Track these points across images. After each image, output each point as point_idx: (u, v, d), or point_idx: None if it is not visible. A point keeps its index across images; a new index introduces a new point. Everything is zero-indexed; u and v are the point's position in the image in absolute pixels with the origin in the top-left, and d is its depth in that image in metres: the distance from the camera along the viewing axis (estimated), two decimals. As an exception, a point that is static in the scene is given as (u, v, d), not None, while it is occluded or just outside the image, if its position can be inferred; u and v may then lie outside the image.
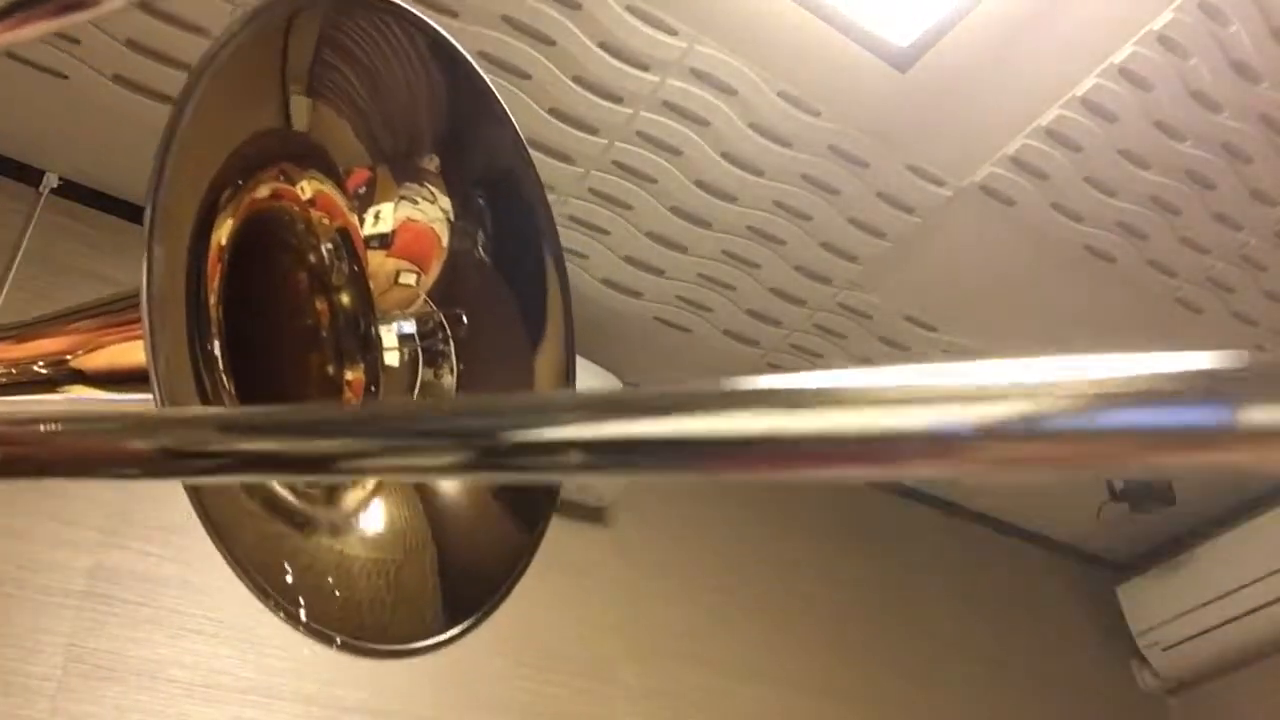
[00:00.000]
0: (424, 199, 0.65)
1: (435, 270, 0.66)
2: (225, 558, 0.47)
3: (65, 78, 1.57)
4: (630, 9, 1.54)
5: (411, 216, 0.65)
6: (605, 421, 0.27)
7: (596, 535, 2.03)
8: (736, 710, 2.00)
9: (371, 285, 0.65)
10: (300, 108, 0.58)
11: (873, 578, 2.42)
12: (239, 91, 0.54)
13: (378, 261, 0.65)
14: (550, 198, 2.01)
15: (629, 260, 1.95)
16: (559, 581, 1.92)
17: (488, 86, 0.62)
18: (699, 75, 1.64)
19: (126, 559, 1.48)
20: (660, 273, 1.99)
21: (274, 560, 0.51)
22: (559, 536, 1.98)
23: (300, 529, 0.56)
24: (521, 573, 0.59)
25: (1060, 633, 2.74)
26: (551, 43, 1.57)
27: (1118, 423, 0.19)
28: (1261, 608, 2.52)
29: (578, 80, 1.63)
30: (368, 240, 0.65)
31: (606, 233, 1.90)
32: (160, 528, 1.52)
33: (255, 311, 0.62)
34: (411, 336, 0.66)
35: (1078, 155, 1.80)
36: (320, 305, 0.65)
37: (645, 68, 1.62)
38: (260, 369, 0.60)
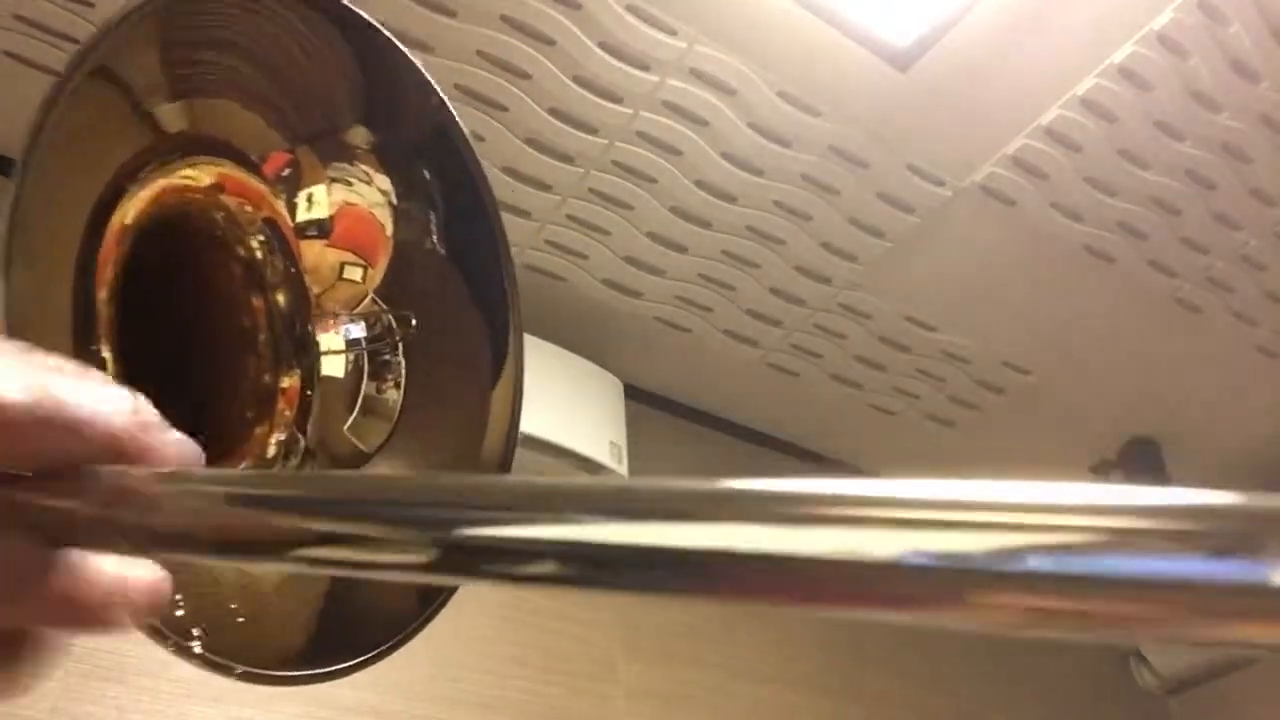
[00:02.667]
0: (358, 179, 0.58)
1: (383, 263, 0.60)
2: None
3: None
4: (630, 9, 1.54)
5: (348, 200, 0.59)
6: (597, 523, 0.22)
7: (596, 535, 2.03)
8: (737, 710, 2.00)
9: (309, 280, 0.59)
10: (171, 114, 0.53)
11: (873, 578, 2.41)
12: (86, 143, 0.49)
13: (316, 253, 0.59)
14: (550, 198, 2.01)
15: (629, 260, 1.95)
16: (559, 581, 1.91)
17: (398, 47, 0.56)
18: (699, 75, 1.64)
19: (126, 559, 1.48)
20: (660, 273, 1.99)
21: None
22: (559, 536, 1.98)
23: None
24: (447, 598, 0.55)
25: (1060, 633, 2.74)
26: (551, 43, 1.57)
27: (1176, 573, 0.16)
28: (1261, 608, 2.52)
29: (578, 80, 1.63)
30: (302, 228, 0.59)
31: (606, 233, 1.90)
32: (160, 528, 1.52)
33: (180, 315, 0.58)
34: (359, 341, 0.60)
35: (1078, 155, 1.80)
36: (256, 303, 0.59)
37: (645, 68, 1.62)
38: (181, 375, 0.55)
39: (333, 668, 0.50)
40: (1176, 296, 2.11)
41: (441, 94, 0.57)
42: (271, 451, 0.58)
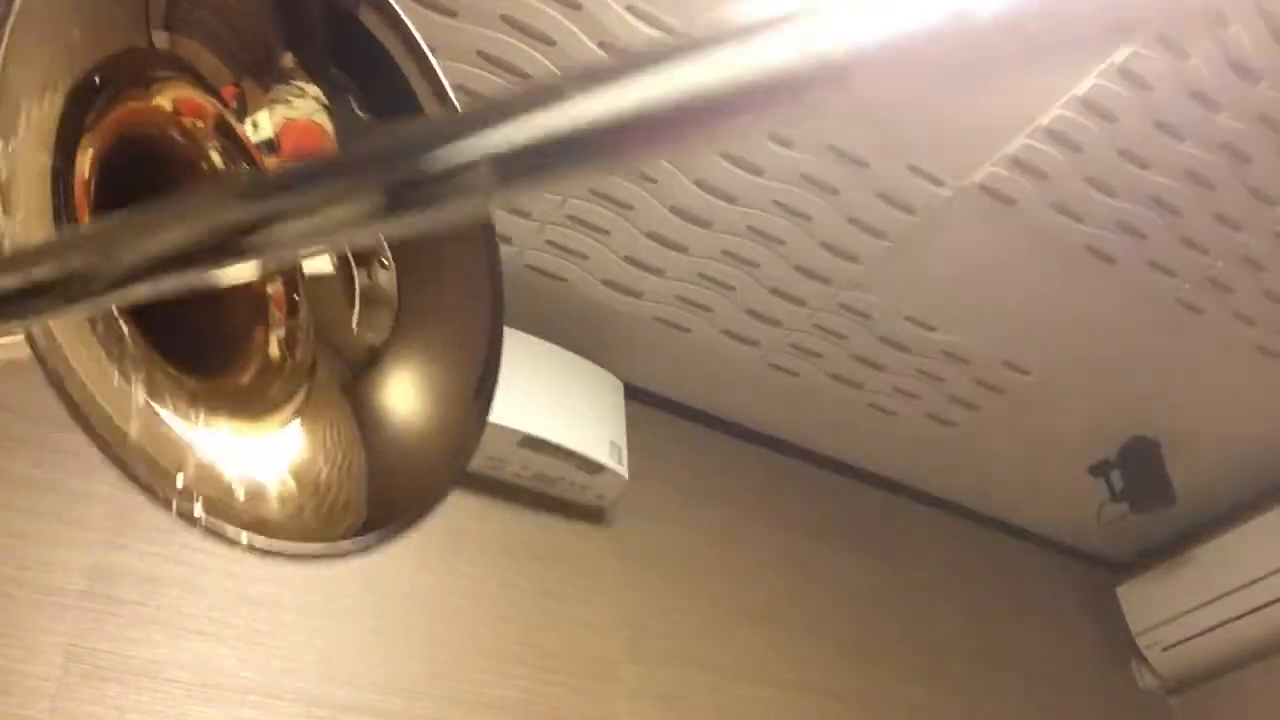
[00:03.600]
0: (294, 96, 0.65)
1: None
2: (99, 447, 0.45)
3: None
4: (630, 9, 1.54)
5: (288, 115, 0.65)
6: (509, 124, 0.25)
7: (596, 535, 2.03)
8: (737, 710, 2.00)
9: None
10: (160, 40, 0.60)
11: (872, 577, 2.42)
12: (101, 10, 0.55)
13: (270, 165, 0.65)
14: (550, 198, 2.01)
15: (629, 260, 1.95)
16: (559, 581, 1.92)
17: None
18: (699, 75, 1.63)
19: (126, 559, 1.48)
20: (660, 273, 1.99)
21: (164, 456, 0.50)
22: (559, 536, 1.98)
23: (194, 418, 0.55)
24: (455, 481, 0.59)
25: (1060, 633, 2.74)
26: (551, 43, 1.57)
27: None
28: (1261, 608, 2.52)
29: (578, 80, 1.63)
30: (254, 147, 0.65)
31: (606, 233, 1.90)
32: (160, 528, 1.52)
33: None
34: None
35: (1078, 155, 1.80)
36: None
37: (645, 68, 1.62)
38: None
39: (343, 542, 0.52)
40: (1176, 296, 2.11)
41: None
42: (275, 351, 0.62)
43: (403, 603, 1.71)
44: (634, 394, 2.19)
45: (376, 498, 0.58)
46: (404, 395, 0.63)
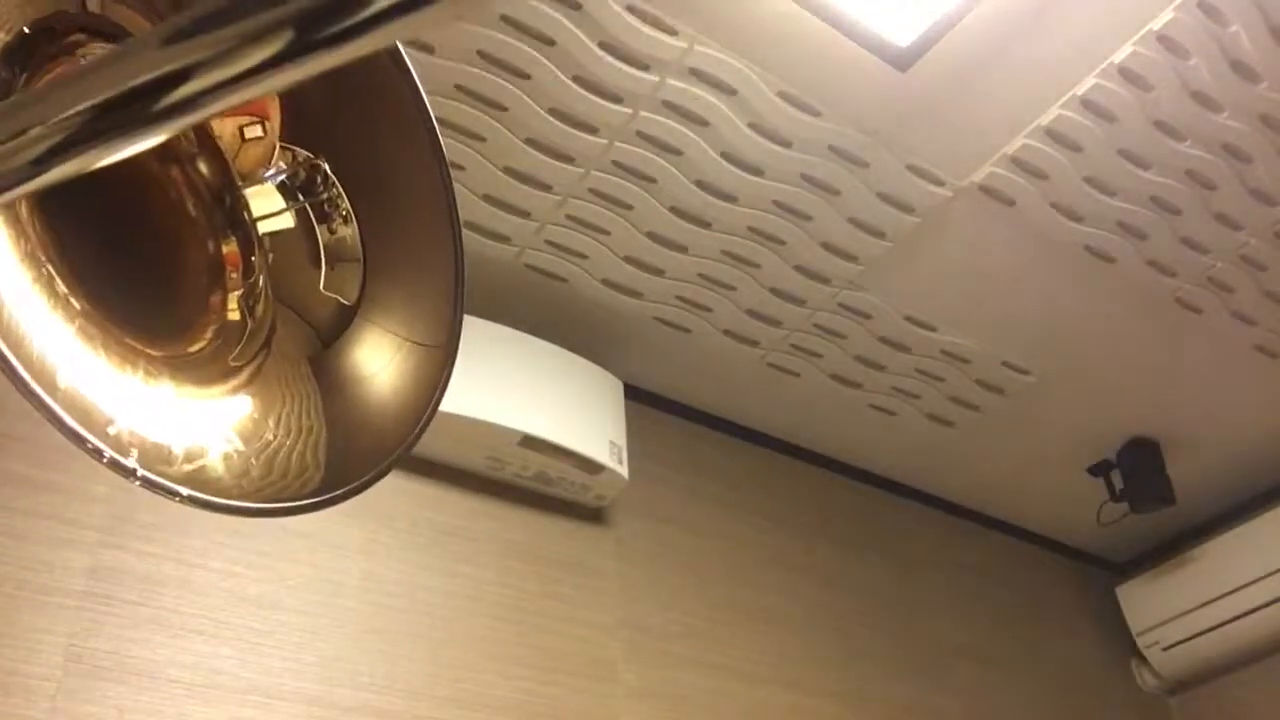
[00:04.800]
0: None
1: (275, 113, 0.63)
2: (33, 402, 0.45)
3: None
4: (630, 9, 1.54)
5: None
6: None
7: (596, 535, 2.03)
8: (737, 711, 2.00)
9: (223, 147, 0.62)
10: (93, 4, 0.58)
11: (873, 578, 2.42)
12: None
13: (217, 125, 0.63)
14: (550, 198, 2.02)
15: (629, 260, 1.95)
16: (559, 581, 1.92)
17: None
18: (699, 75, 1.64)
19: (126, 559, 1.48)
20: (660, 273, 1.99)
21: (97, 408, 0.50)
22: (559, 536, 1.98)
23: (148, 376, 0.54)
24: (415, 440, 0.58)
25: (1060, 633, 2.74)
26: (551, 43, 1.57)
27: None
28: (1261, 608, 2.52)
29: (578, 80, 1.63)
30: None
31: (606, 233, 1.90)
32: (160, 528, 1.52)
33: (111, 208, 0.60)
34: (295, 193, 0.62)
35: (1078, 155, 1.80)
36: (177, 175, 0.62)
37: (645, 68, 1.62)
38: (133, 262, 0.58)
39: (286, 503, 0.52)
40: (1176, 296, 2.11)
41: None
42: (234, 315, 0.61)
43: (403, 603, 1.71)
44: (634, 394, 2.19)
45: (334, 458, 0.57)
46: (370, 356, 0.62)
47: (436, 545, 1.80)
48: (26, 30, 0.53)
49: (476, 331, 1.88)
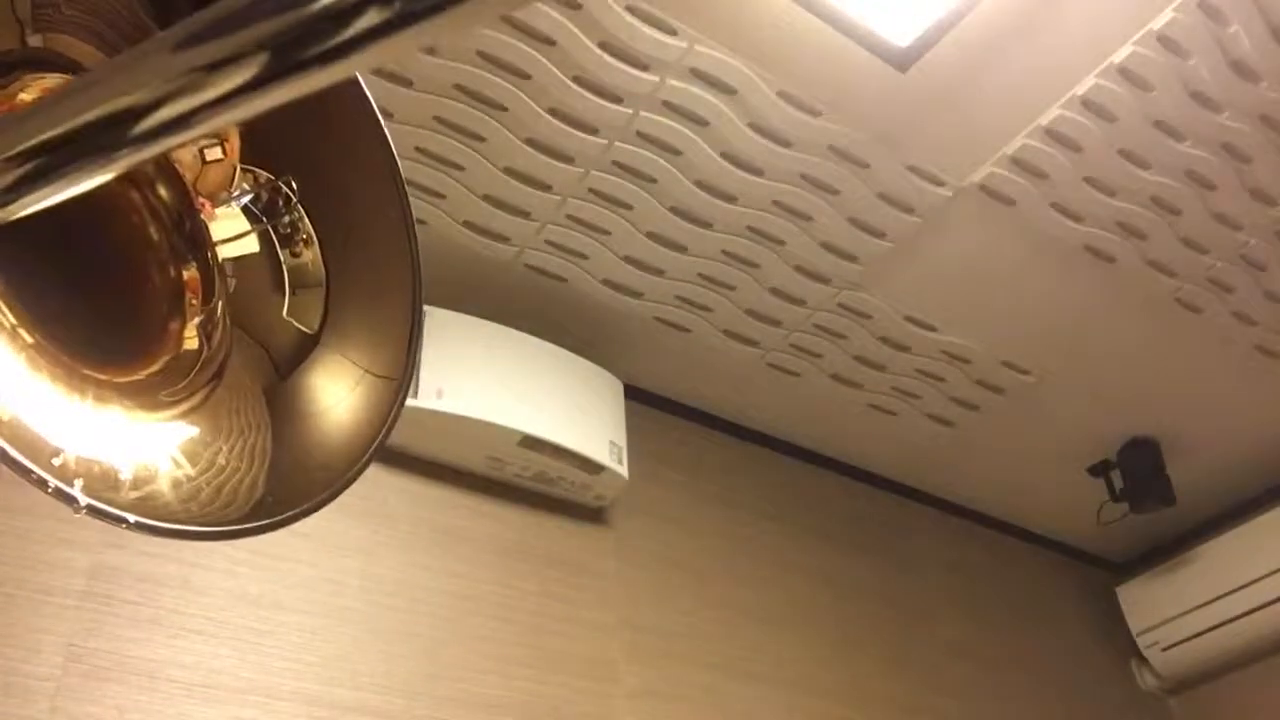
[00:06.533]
0: None
1: (233, 133, 0.62)
2: None
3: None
4: (630, 9, 1.54)
5: None
6: None
7: (596, 535, 2.03)
8: (736, 710, 2.00)
9: (181, 171, 0.61)
10: (34, 41, 0.58)
11: (872, 578, 2.42)
12: None
13: (175, 151, 0.62)
14: (550, 198, 2.01)
15: (629, 260, 1.95)
16: (559, 581, 1.92)
17: None
18: (699, 75, 1.64)
19: (126, 559, 1.48)
20: (660, 273, 1.99)
21: (43, 438, 0.49)
22: (559, 536, 1.98)
23: (92, 400, 0.54)
24: (361, 470, 0.58)
25: (1060, 633, 2.74)
26: (551, 43, 1.57)
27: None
28: (1261, 608, 2.52)
29: (578, 80, 1.63)
30: None
31: (607, 233, 1.89)
32: (160, 528, 1.52)
33: (70, 235, 0.59)
34: (258, 216, 0.61)
35: (1078, 155, 1.80)
36: (137, 199, 0.61)
37: (645, 68, 1.62)
38: (92, 291, 0.57)
39: (232, 526, 0.52)
40: (1176, 296, 2.11)
41: None
42: (192, 343, 0.60)
43: (403, 603, 1.71)
44: (634, 394, 2.19)
45: (283, 485, 0.57)
46: (328, 385, 0.61)
47: (436, 545, 1.80)
48: None
49: (476, 332, 1.88)
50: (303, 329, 0.62)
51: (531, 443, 1.85)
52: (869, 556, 2.44)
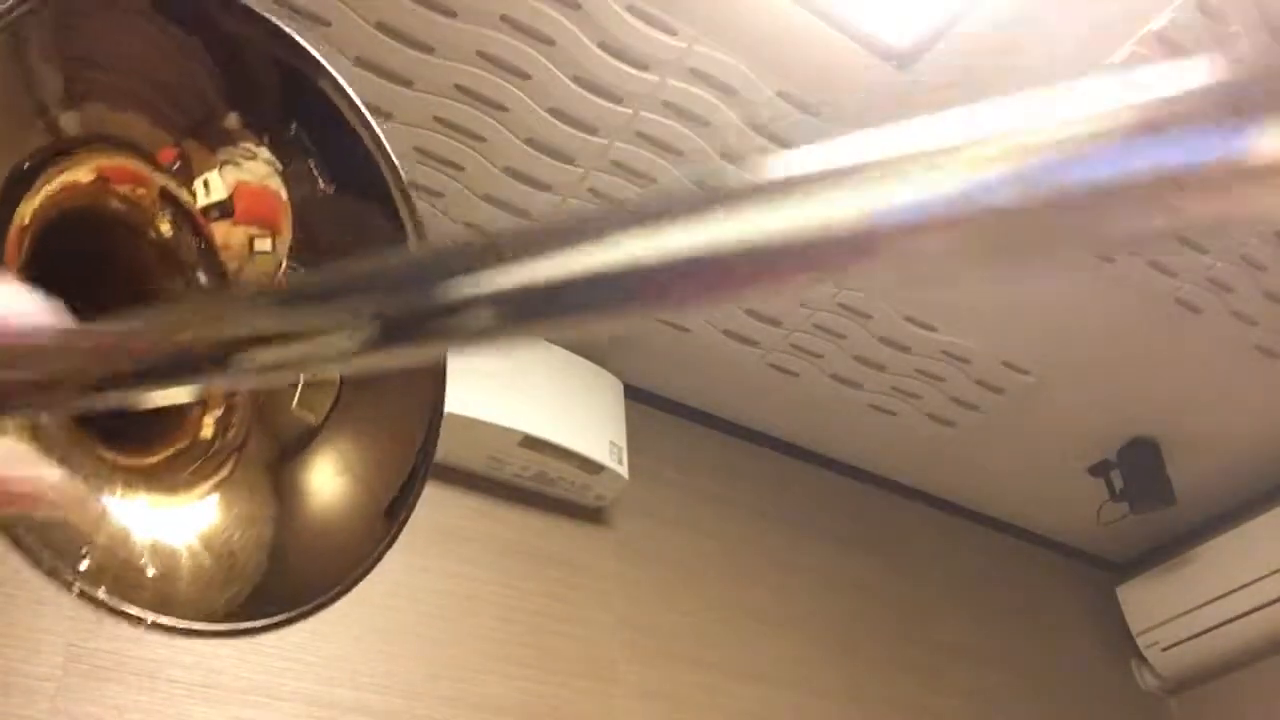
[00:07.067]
0: (244, 158, 0.61)
1: (287, 227, 0.62)
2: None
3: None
4: (630, 9, 1.54)
5: (241, 178, 0.61)
6: (521, 265, 0.23)
7: (596, 535, 2.03)
8: (736, 710, 2.00)
9: (225, 259, 0.61)
10: (70, 120, 0.56)
11: (873, 577, 2.42)
12: None
13: (224, 232, 0.62)
14: (551, 198, 2.01)
15: (629, 260, 1.95)
16: (559, 581, 1.92)
17: (251, 15, 0.58)
18: (699, 75, 1.64)
19: (126, 559, 1.48)
20: (660, 273, 1.99)
21: (72, 532, 0.49)
22: (559, 536, 1.98)
23: (110, 490, 0.54)
24: (370, 567, 0.57)
25: (1060, 633, 2.74)
26: (551, 43, 1.57)
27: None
28: (1261, 608, 2.52)
29: (577, 80, 1.63)
30: (205, 211, 0.61)
31: (606, 233, 1.89)
32: (160, 528, 1.52)
33: (101, 309, 0.58)
34: None
35: (1078, 155, 1.80)
36: (177, 286, 0.62)
37: (645, 68, 1.62)
38: None
39: (252, 624, 0.52)
40: (1176, 296, 2.11)
41: (283, 28, 0.59)
42: (209, 431, 0.60)
43: (403, 603, 1.71)
44: (634, 394, 2.18)
45: (275, 581, 0.57)
46: (322, 486, 0.61)
47: (436, 545, 1.80)
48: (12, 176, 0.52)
49: (476, 331, 1.88)
50: (308, 423, 0.62)
51: (531, 443, 1.85)
52: (869, 556, 2.44)
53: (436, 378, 0.64)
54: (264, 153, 0.61)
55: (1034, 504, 2.74)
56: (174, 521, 0.56)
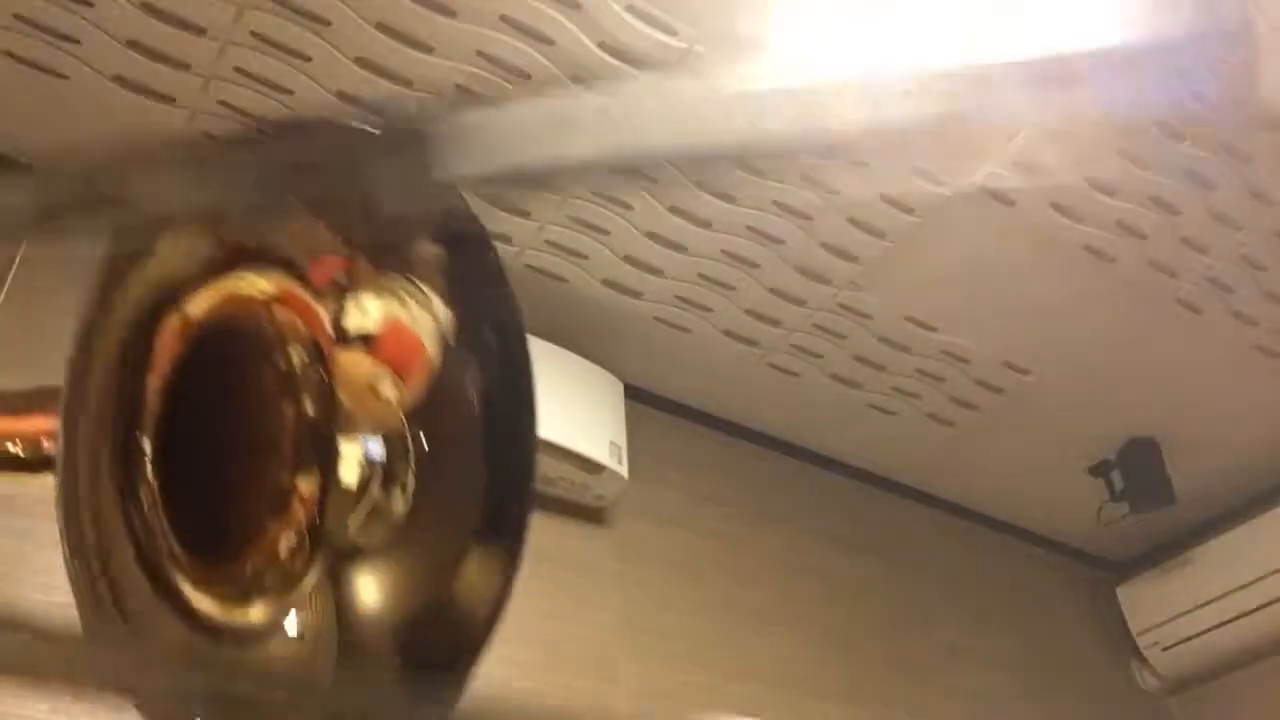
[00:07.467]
0: (415, 297, 0.58)
1: (418, 389, 0.60)
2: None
3: (66, 78, 1.57)
4: (630, 9, 1.54)
5: (399, 318, 0.58)
6: None
7: (596, 535, 2.03)
8: (736, 710, 2.00)
9: (342, 393, 0.60)
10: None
11: (873, 578, 2.42)
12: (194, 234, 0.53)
13: (354, 361, 0.59)
14: (550, 197, 2.00)
15: (629, 260, 1.95)
16: (559, 581, 1.91)
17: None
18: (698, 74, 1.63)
19: (126, 559, 1.48)
20: (660, 273, 1.99)
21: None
22: (559, 536, 1.98)
23: (215, 639, 0.53)
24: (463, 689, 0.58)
25: (1060, 633, 2.74)
26: (551, 43, 1.57)
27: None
28: (1261, 608, 2.52)
29: (577, 80, 1.63)
30: (345, 334, 0.59)
31: (606, 233, 1.90)
32: (160, 528, 1.52)
33: (213, 411, 0.58)
34: (376, 462, 0.60)
35: (1078, 154, 1.80)
36: (287, 410, 0.60)
37: (645, 68, 1.62)
38: (208, 470, 0.57)
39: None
40: (1176, 296, 2.11)
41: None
42: (283, 551, 0.59)
43: (403, 603, 1.71)
44: (634, 394, 2.18)
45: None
46: (364, 603, 0.61)
47: (436, 545, 1.80)
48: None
49: (476, 331, 1.88)
50: (359, 544, 0.61)
51: (531, 443, 1.85)
52: (869, 556, 2.44)
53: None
54: (441, 308, 0.58)
55: (1034, 504, 2.74)
56: (246, 635, 0.57)
